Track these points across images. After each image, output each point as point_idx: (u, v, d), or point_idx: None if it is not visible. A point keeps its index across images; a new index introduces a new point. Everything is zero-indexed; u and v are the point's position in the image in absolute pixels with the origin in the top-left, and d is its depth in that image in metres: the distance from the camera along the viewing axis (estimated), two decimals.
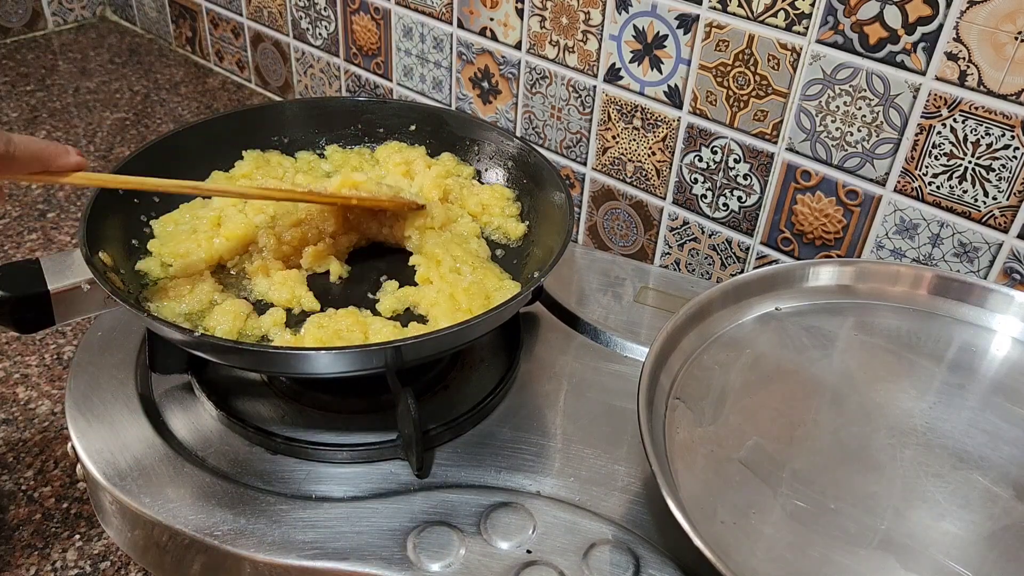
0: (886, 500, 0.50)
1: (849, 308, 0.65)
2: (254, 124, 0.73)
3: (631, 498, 0.54)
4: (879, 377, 0.59)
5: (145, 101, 1.16)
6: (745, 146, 0.75)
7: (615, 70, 0.80)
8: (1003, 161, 0.63)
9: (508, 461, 0.56)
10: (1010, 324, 0.62)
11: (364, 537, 0.51)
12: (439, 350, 0.56)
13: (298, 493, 0.54)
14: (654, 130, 0.80)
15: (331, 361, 0.51)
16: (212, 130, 0.70)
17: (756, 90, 0.72)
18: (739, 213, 0.79)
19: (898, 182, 0.68)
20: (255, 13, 1.13)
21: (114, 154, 1.03)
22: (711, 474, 0.51)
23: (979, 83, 0.62)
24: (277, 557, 0.49)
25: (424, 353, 0.55)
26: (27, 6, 1.29)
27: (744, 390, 0.57)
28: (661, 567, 0.49)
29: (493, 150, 0.73)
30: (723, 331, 0.61)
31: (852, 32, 0.65)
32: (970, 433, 0.54)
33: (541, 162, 0.68)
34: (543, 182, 0.68)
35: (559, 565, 0.49)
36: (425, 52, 0.96)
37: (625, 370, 0.65)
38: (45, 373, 0.73)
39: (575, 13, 0.80)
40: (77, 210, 0.93)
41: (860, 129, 0.68)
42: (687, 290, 0.73)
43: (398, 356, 0.52)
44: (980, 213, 0.65)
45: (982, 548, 0.47)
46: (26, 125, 1.08)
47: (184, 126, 0.70)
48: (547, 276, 0.56)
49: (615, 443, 0.58)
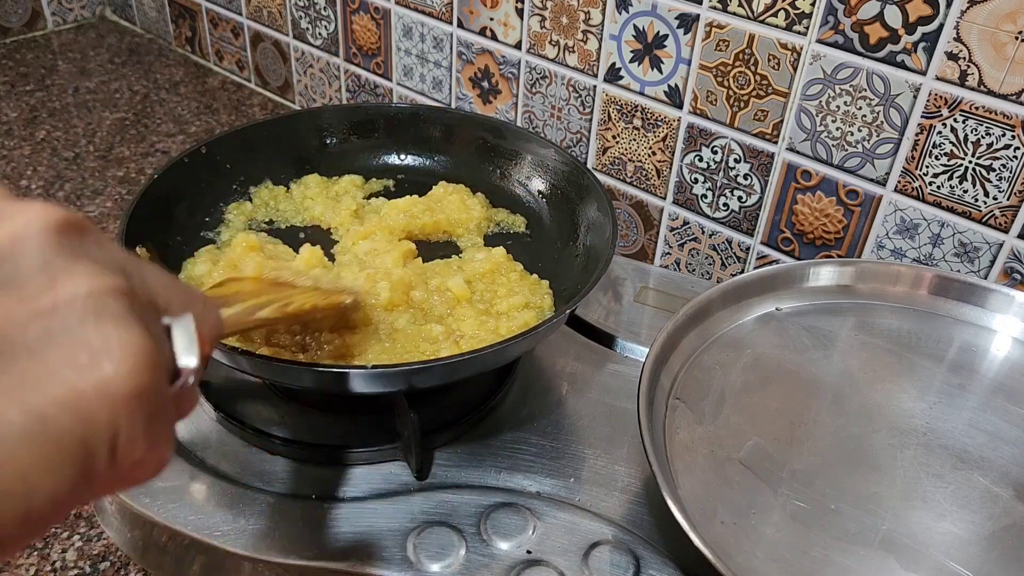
0: (886, 500, 0.50)
1: (849, 308, 0.65)
2: (292, 131, 0.73)
3: (631, 498, 0.54)
4: (879, 377, 0.58)
5: (145, 101, 1.16)
6: (745, 146, 0.75)
7: (615, 70, 0.80)
8: (1003, 161, 0.63)
9: (508, 461, 0.56)
10: (1010, 324, 0.62)
11: (364, 537, 0.51)
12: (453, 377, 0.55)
13: (298, 493, 0.54)
14: (654, 130, 0.80)
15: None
16: (247, 136, 0.70)
17: (756, 90, 0.72)
18: (739, 213, 0.79)
19: (898, 182, 0.68)
20: (255, 13, 1.13)
21: (114, 154, 1.03)
22: (711, 474, 0.51)
23: (979, 83, 0.61)
24: (277, 557, 0.49)
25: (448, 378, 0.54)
26: (27, 6, 1.29)
27: (744, 390, 0.57)
28: (661, 567, 0.49)
29: (537, 162, 0.72)
30: (723, 331, 0.61)
31: (852, 32, 0.65)
32: (970, 433, 0.54)
33: (593, 185, 0.66)
34: (590, 205, 0.66)
35: (559, 565, 0.49)
36: (425, 52, 0.96)
37: (625, 370, 0.65)
38: None
39: (575, 13, 0.80)
40: (77, 210, 0.92)
41: (860, 129, 0.68)
42: (687, 290, 0.73)
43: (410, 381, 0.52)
44: (980, 213, 0.65)
45: (982, 548, 0.47)
46: (25, 125, 1.08)
47: (222, 134, 0.69)
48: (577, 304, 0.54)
49: (615, 443, 0.58)
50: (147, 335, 0.24)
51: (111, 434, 0.23)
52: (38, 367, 0.22)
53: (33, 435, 0.21)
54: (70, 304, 0.23)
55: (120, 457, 0.23)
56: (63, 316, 0.23)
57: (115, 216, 0.92)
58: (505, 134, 0.73)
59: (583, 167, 0.68)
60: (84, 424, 0.22)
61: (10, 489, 0.21)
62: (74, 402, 0.22)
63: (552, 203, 0.70)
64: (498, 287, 0.61)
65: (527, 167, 0.72)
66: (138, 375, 0.23)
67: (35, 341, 0.22)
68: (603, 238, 0.61)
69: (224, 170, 0.68)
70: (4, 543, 0.21)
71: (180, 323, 0.27)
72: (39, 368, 0.22)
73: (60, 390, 0.22)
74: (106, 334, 0.23)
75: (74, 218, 0.25)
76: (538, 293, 0.61)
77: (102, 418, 0.23)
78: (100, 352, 0.23)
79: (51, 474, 0.21)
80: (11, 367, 0.22)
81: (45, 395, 0.22)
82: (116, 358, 0.23)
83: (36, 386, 0.22)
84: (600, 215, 0.63)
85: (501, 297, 0.60)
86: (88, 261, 0.24)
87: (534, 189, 0.72)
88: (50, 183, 0.96)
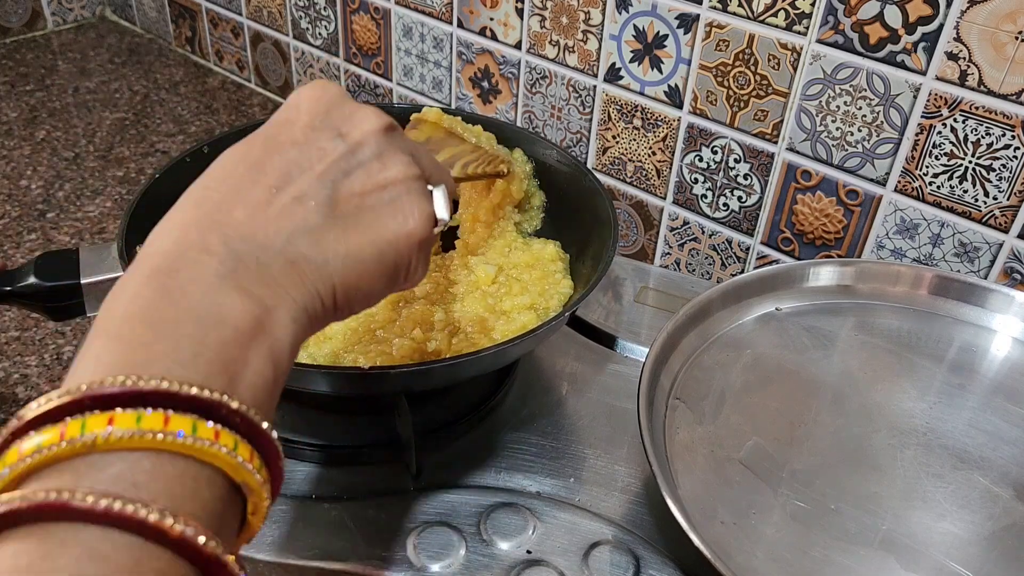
0: (886, 500, 0.50)
1: (849, 308, 0.65)
2: None
3: (631, 498, 0.54)
4: (879, 377, 0.58)
5: (145, 101, 1.16)
6: (745, 146, 0.75)
7: (615, 70, 0.80)
8: (1003, 161, 0.63)
9: (508, 461, 0.56)
10: (1010, 324, 0.62)
11: (364, 537, 0.51)
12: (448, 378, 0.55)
13: (298, 493, 0.54)
14: (654, 130, 0.80)
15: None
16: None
17: (756, 90, 0.72)
18: (739, 213, 0.79)
19: (898, 182, 0.68)
20: (255, 13, 1.13)
21: (114, 154, 1.03)
22: (711, 474, 0.51)
23: (979, 83, 0.61)
24: (277, 557, 0.49)
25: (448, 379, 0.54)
26: (27, 6, 1.29)
27: (744, 390, 0.57)
28: (661, 567, 0.49)
29: (538, 163, 0.71)
30: (723, 331, 0.61)
31: (852, 32, 0.65)
32: (970, 433, 0.54)
33: (595, 187, 0.65)
34: (592, 206, 0.66)
35: (559, 565, 0.49)
36: (425, 52, 0.96)
37: (625, 370, 0.65)
38: (45, 373, 0.73)
39: (575, 13, 0.80)
40: (76, 210, 0.92)
41: (860, 129, 0.68)
42: (687, 290, 0.73)
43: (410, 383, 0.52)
44: (980, 213, 0.65)
45: (982, 548, 0.47)
46: (25, 125, 1.08)
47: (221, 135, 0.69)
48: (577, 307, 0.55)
49: (615, 443, 0.58)
50: (428, 202, 0.38)
51: (410, 261, 0.37)
52: (379, 220, 0.35)
53: (377, 259, 0.35)
54: (394, 183, 0.36)
55: (411, 273, 0.38)
56: (391, 190, 0.36)
57: (115, 216, 0.92)
58: (506, 134, 0.73)
59: (585, 168, 0.68)
60: (400, 255, 0.36)
61: (364, 286, 0.35)
62: (395, 243, 0.36)
63: (553, 203, 0.70)
64: (513, 283, 0.61)
65: (528, 168, 0.72)
66: (425, 228, 0.37)
67: (377, 204, 0.36)
68: (604, 239, 0.61)
69: None
70: (354, 311, 0.36)
71: (439, 190, 0.39)
72: (379, 221, 0.35)
73: (389, 235, 0.36)
74: (412, 203, 0.36)
75: (391, 121, 0.38)
76: (553, 294, 0.61)
77: (407, 253, 0.36)
78: (408, 214, 0.36)
79: (382, 280, 0.36)
80: (364, 218, 0.35)
81: (382, 237, 0.35)
82: (416, 218, 0.36)
83: (379, 231, 0.35)
84: (601, 216, 0.63)
85: (514, 294, 0.60)
86: (402, 152, 0.37)
87: None
88: (50, 183, 0.96)
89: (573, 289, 0.62)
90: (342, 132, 0.37)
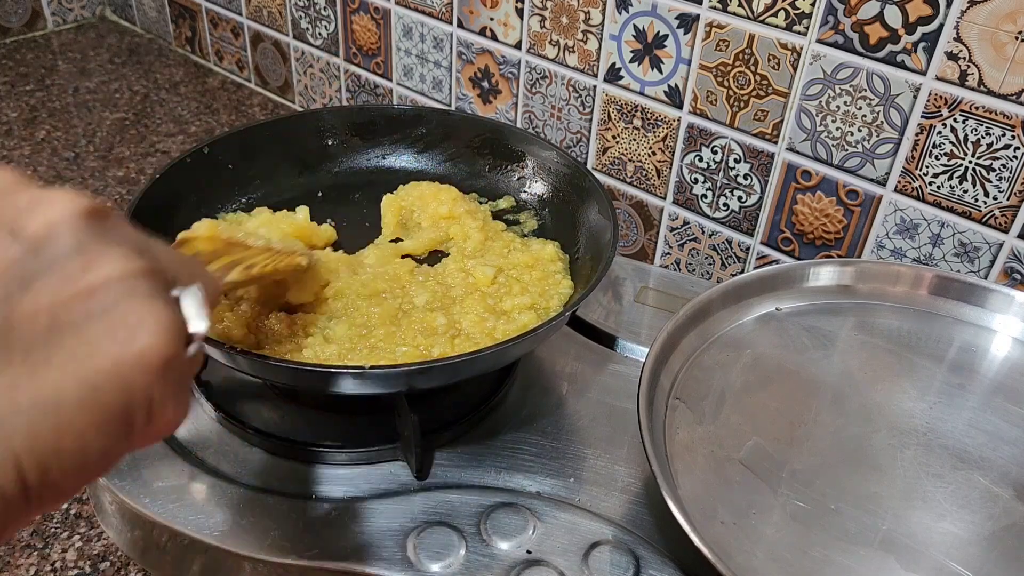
0: (886, 500, 0.50)
1: (849, 308, 0.65)
2: (290, 133, 0.72)
3: (631, 498, 0.54)
4: (879, 377, 0.58)
5: (145, 101, 1.16)
6: (745, 146, 0.75)
7: (615, 70, 0.80)
8: (1003, 161, 0.63)
9: (508, 461, 0.56)
10: (1010, 324, 0.62)
11: (364, 537, 0.51)
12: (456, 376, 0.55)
13: (298, 493, 0.54)
14: (654, 130, 0.80)
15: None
16: (247, 139, 0.70)
17: (756, 90, 0.72)
18: (739, 213, 0.79)
19: (898, 182, 0.68)
20: (255, 13, 1.13)
21: (114, 154, 1.03)
22: (711, 474, 0.51)
23: (979, 83, 0.61)
24: (277, 557, 0.49)
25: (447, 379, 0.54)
26: (27, 6, 1.29)
27: (744, 390, 0.57)
28: (661, 567, 0.49)
29: (538, 165, 0.72)
30: (723, 331, 0.61)
31: (852, 32, 0.65)
32: (970, 433, 0.54)
33: (595, 187, 0.65)
34: (591, 207, 0.66)
35: (559, 565, 0.49)
36: (425, 52, 0.96)
37: (625, 370, 0.65)
38: None
39: (575, 13, 0.80)
40: None
41: (860, 129, 0.68)
42: (687, 290, 0.73)
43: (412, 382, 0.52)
44: (980, 213, 0.65)
45: (983, 548, 0.47)
46: (25, 125, 1.08)
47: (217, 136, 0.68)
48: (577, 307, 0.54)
49: (615, 443, 0.58)
50: (170, 309, 0.28)
51: (147, 397, 0.27)
52: (85, 343, 0.25)
53: (86, 402, 0.25)
54: (106, 286, 0.26)
55: (155, 415, 0.27)
56: (101, 297, 0.26)
57: None
58: (506, 136, 0.73)
59: (584, 169, 0.68)
60: (126, 390, 0.26)
61: (70, 447, 0.25)
62: (117, 372, 0.25)
63: (553, 204, 0.70)
64: (513, 284, 0.61)
65: (528, 169, 0.72)
66: (167, 346, 0.27)
67: (80, 319, 0.25)
68: (604, 240, 0.61)
69: (226, 171, 0.68)
70: (64, 492, 0.25)
71: (189, 293, 0.29)
72: (86, 344, 0.25)
73: (105, 363, 0.25)
74: (139, 311, 0.26)
75: (99, 204, 0.28)
76: (553, 294, 0.61)
77: (140, 384, 0.26)
78: (135, 327, 0.26)
79: (101, 434, 0.25)
80: (62, 343, 0.25)
81: (93, 368, 0.25)
82: (149, 332, 0.26)
83: (85, 360, 0.25)
84: (601, 217, 0.63)
85: (514, 295, 0.59)
86: (116, 244, 0.27)
87: (534, 191, 0.72)
88: (50, 183, 0.96)
89: (573, 289, 0.62)
90: (14, 228, 0.26)
